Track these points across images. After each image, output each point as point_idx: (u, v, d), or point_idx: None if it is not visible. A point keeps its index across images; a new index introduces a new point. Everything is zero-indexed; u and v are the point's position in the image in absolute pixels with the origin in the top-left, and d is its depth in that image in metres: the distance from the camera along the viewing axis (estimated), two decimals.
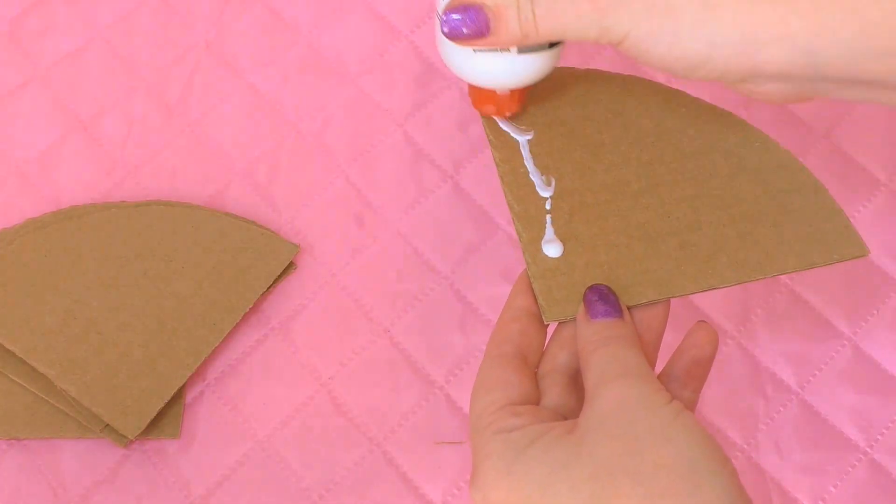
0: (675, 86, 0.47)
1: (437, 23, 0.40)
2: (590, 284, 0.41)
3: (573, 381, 0.40)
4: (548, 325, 0.41)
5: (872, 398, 0.53)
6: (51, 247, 0.55)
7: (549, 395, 0.39)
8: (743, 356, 0.54)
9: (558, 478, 0.34)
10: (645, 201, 0.43)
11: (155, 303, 0.53)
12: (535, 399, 0.39)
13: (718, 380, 0.54)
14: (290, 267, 0.56)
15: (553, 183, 0.43)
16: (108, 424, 0.51)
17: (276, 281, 0.55)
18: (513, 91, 0.43)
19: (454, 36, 0.39)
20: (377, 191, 0.58)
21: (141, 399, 0.51)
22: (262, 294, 0.55)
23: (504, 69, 0.41)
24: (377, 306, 0.55)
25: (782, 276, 0.56)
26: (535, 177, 0.44)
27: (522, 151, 0.44)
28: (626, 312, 0.40)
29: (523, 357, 0.39)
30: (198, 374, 0.54)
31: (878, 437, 0.52)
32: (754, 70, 0.38)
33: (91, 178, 0.58)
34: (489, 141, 0.44)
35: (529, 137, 0.44)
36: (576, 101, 0.46)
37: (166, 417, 0.52)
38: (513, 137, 0.44)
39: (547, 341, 0.41)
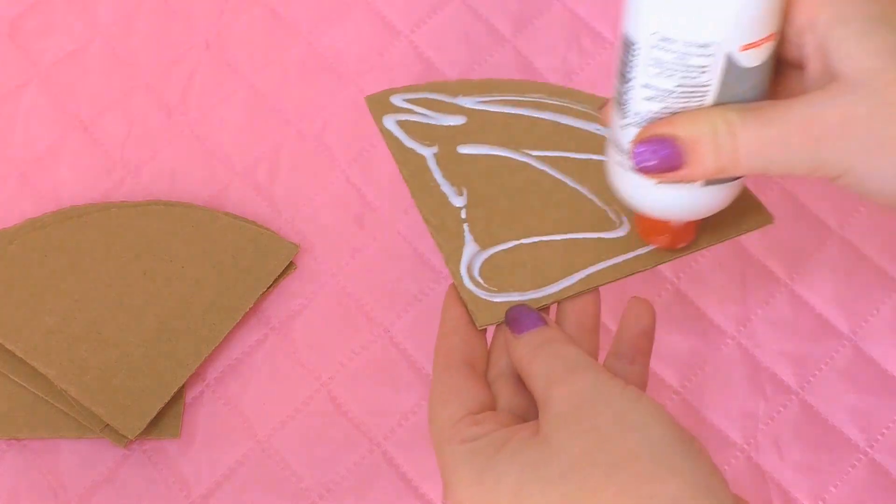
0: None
1: (608, 148, 0.39)
2: (511, 304, 0.41)
3: (521, 381, 0.40)
4: (484, 330, 0.42)
5: (872, 398, 0.53)
6: (51, 247, 0.55)
7: (501, 397, 0.39)
8: (743, 356, 0.54)
9: (529, 480, 0.34)
10: (556, 197, 0.44)
11: (155, 303, 0.53)
12: (491, 405, 0.39)
13: (718, 380, 0.54)
14: (290, 267, 0.56)
15: (465, 192, 0.44)
16: (108, 424, 0.51)
17: (276, 281, 0.55)
18: (689, 222, 0.41)
19: (644, 170, 0.36)
20: (377, 191, 0.58)
21: (141, 399, 0.51)
22: (262, 294, 0.55)
23: (688, 202, 0.38)
24: (377, 306, 0.55)
25: (782, 277, 0.56)
26: (446, 188, 0.44)
27: (430, 164, 0.44)
28: (548, 318, 0.40)
29: (471, 365, 0.39)
30: (198, 374, 0.54)
31: (878, 437, 0.52)
32: None
33: (91, 178, 0.58)
34: (395, 158, 0.45)
35: (435, 151, 0.45)
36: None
37: (166, 417, 0.52)
38: (418, 153, 0.45)
39: (489, 346, 0.42)
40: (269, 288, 0.55)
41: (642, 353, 0.41)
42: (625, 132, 0.38)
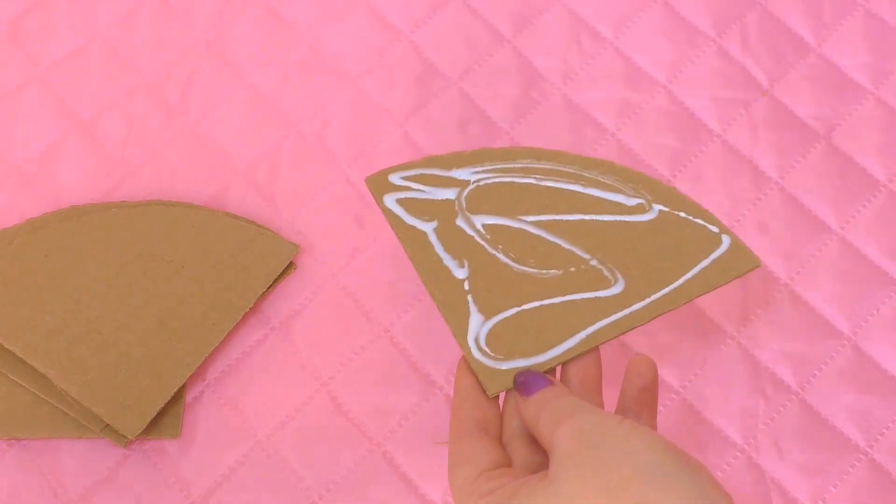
0: None
1: None
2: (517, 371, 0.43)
3: (534, 440, 0.41)
4: (496, 396, 0.43)
5: (872, 398, 0.53)
6: (51, 247, 0.55)
7: (517, 457, 0.41)
8: (743, 356, 0.54)
9: None
10: (552, 260, 0.45)
11: (155, 303, 0.53)
12: (506, 463, 0.40)
13: (718, 380, 0.54)
14: (290, 267, 0.56)
15: (466, 263, 0.45)
16: (108, 424, 0.51)
17: (276, 281, 0.55)
18: None
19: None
20: None
21: (141, 399, 0.51)
22: (262, 294, 0.55)
23: None
24: (377, 306, 0.55)
25: (782, 277, 0.56)
26: (448, 261, 0.45)
27: (431, 239, 0.46)
28: (554, 379, 0.42)
29: (484, 429, 0.41)
30: (198, 374, 0.54)
31: (878, 437, 0.52)
32: None
33: (91, 178, 0.58)
34: (398, 237, 0.46)
35: (434, 225, 0.46)
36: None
37: (166, 417, 0.52)
38: (419, 229, 0.46)
39: (501, 410, 0.43)
40: (269, 288, 0.55)
41: (648, 407, 0.43)
42: None
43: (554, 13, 0.63)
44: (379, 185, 0.47)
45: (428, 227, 0.46)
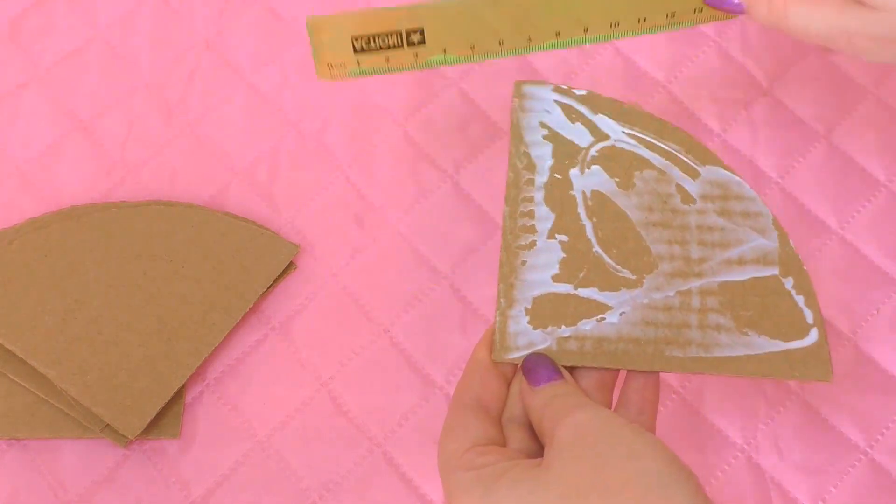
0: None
1: None
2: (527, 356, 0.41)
3: (532, 429, 0.41)
4: (504, 374, 0.42)
5: (872, 398, 0.53)
6: (51, 247, 0.55)
7: (514, 439, 0.40)
8: None
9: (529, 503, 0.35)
10: (637, 264, 0.43)
11: (155, 303, 0.53)
12: (499, 442, 0.40)
13: (718, 380, 0.54)
14: (290, 267, 0.56)
15: (553, 216, 0.43)
16: (108, 424, 0.51)
17: (276, 281, 0.55)
18: None
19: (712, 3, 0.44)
20: (377, 191, 0.58)
21: (141, 399, 0.51)
22: (262, 294, 0.55)
23: None
24: (377, 306, 0.55)
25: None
26: (538, 201, 0.43)
27: (541, 168, 0.44)
28: (564, 372, 0.41)
29: (484, 407, 0.40)
30: (198, 374, 0.54)
31: (878, 437, 0.52)
32: None
33: (91, 178, 0.59)
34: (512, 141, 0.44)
35: (551, 163, 0.44)
36: None
37: (166, 417, 0.52)
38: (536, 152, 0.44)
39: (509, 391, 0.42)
40: (269, 288, 0.55)
41: (649, 404, 0.42)
42: None
43: None
44: (523, 93, 0.44)
45: (546, 154, 0.44)
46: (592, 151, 0.44)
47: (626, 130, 0.44)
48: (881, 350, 0.54)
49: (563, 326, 0.42)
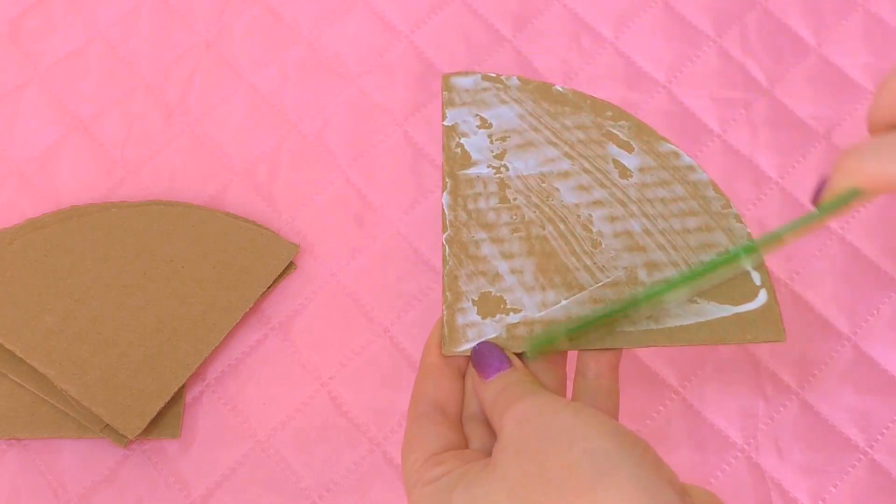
0: None
1: None
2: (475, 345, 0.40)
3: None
4: (458, 372, 0.41)
5: (872, 398, 0.53)
6: (51, 247, 0.55)
7: (475, 437, 0.40)
8: (743, 356, 0.54)
9: None
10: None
11: (155, 303, 0.53)
12: (458, 445, 0.39)
13: (718, 380, 0.54)
14: (290, 267, 0.56)
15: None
16: (108, 424, 0.51)
17: (276, 281, 0.55)
18: None
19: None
20: (377, 191, 0.58)
21: (141, 399, 0.51)
22: (262, 294, 0.55)
23: None
24: (377, 306, 0.55)
25: (782, 277, 0.56)
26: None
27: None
28: (514, 359, 0.40)
29: (441, 409, 0.39)
30: (198, 374, 0.54)
31: (878, 437, 0.52)
32: None
33: (91, 178, 0.59)
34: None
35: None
36: None
37: (166, 417, 0.52)
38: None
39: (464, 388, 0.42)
40: (269, 288, 0.55)
41: (609, 368, 0.41)
42: None
43: (554, 13, 0.63)
44: (451, 85, 0.44)
45: (483, 144, 0.44)
46: (512, 141, 0.44)
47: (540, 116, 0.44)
48: (881, 350, 0.54)
49: (510, 314, 0.41)
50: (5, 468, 0.52)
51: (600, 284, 0.42)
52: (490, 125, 0.45)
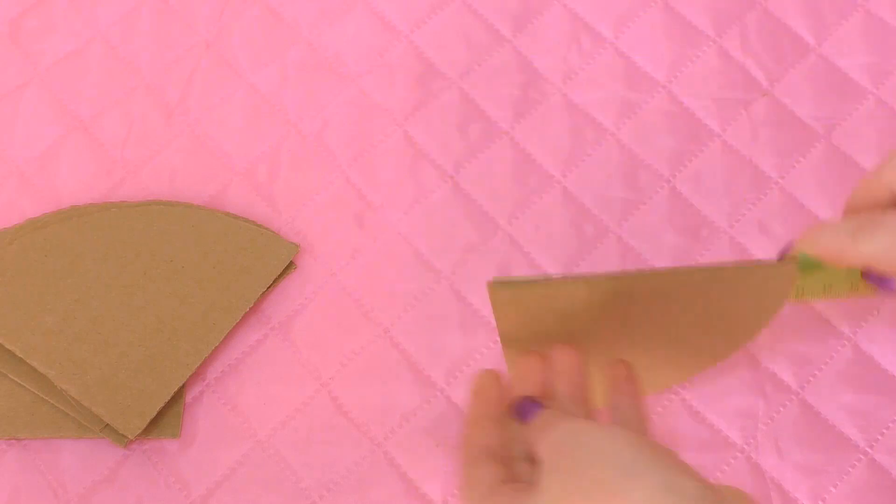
0: None
1: None
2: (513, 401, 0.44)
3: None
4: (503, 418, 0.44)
5: (872, 398, 0.53)
6: (51, 247, 0.55)
7: (521, 475, 0.43)
8: (743, 356, 0.54)
9: None
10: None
11: (155, 303, 0.53)
12: (509, 481, 0.42)
13: (718, 380, 0.54)
14: (290, 267, 0.56)
15: None
16: (108, 424, 0.51)
17: (276, 281, 0.55)
18: None
19: None
20: (377, 191, 0.58)
21: (141, 399, 0.51)
22: (262, 294, 0.55)
23: None
24: (377, 306, 0.55)
25: None
26: None
27: None
28: (548, 402, 0.44)
29: (490, 452, 0.43)
30: (198, 374, 0.54)
31: (878, 437, 0.52)
32: None
33: (91, 178, 0.58)
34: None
35: None
36: None
37: (166, 417, 0.52)
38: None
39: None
40: (269, 288, 0.55)
41: (627, 398, 0.45)
42: None
43: (554, 13, 0.63)
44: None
45: None
46: None
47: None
48: (881, 350, 0.54)
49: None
50: (5, 468, 0.52)
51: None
52: None
